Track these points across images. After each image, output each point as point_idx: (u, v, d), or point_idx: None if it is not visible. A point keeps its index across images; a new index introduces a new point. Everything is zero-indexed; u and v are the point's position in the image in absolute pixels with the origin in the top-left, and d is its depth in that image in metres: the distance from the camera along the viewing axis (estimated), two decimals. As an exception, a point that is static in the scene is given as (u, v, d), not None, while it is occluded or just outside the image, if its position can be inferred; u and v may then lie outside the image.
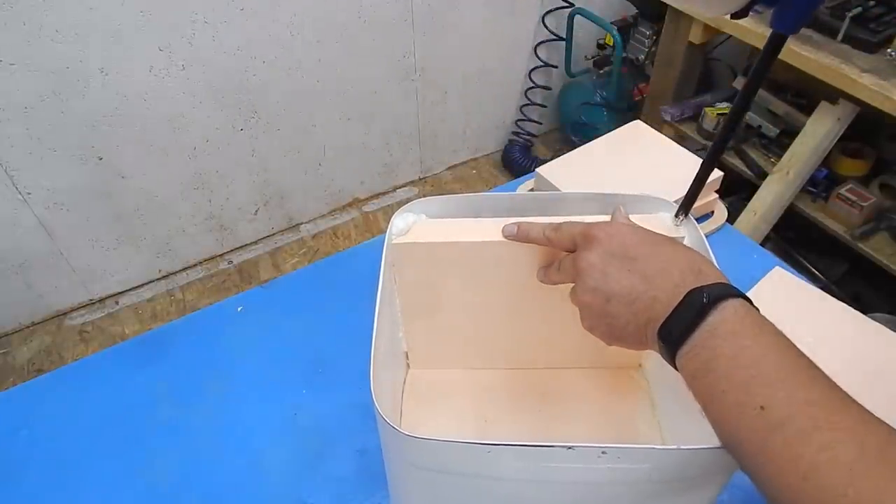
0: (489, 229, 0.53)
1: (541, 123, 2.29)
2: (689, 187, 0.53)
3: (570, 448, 0.37)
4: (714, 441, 0.37)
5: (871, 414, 0.32)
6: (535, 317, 0.60)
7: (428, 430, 0.61)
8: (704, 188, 0.83)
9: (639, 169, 0.85)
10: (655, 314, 0.39)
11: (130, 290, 1.85)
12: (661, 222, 0.54)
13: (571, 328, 0.62)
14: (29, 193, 1.53)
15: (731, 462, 0.37)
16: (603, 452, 0.38)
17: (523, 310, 0.60)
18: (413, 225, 0.55)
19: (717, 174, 0.84)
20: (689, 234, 0.53)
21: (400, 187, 2.18)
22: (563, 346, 0.64)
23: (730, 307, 0.36)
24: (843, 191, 1.51)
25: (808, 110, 1.51)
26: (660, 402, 0.62)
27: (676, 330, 0.38)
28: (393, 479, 0.51)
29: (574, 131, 2.19)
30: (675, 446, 0.37)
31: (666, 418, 0.61)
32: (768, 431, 0.33)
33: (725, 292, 0.37)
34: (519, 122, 2.25)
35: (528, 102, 2.21)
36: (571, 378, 0.66)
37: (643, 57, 1.98)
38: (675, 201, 0.55)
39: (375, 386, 0.42)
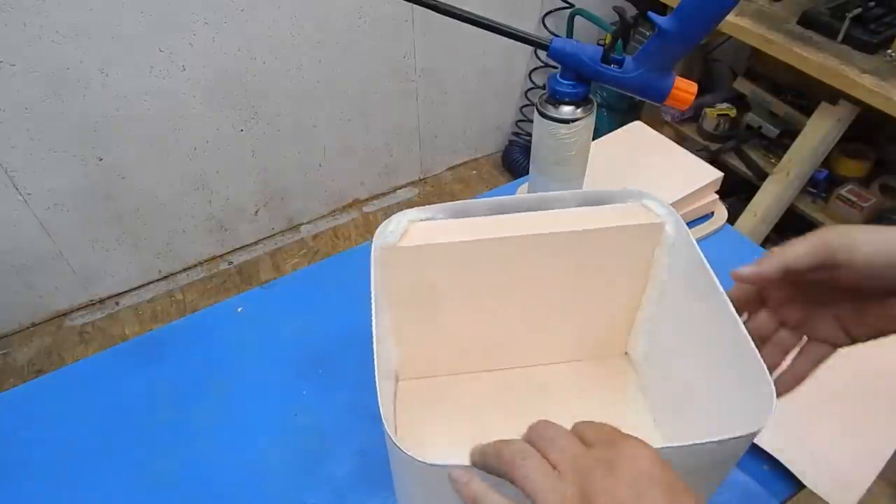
0: (474, 229, 0.54)
1: (541, 124, 2.29)
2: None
3: None
4: (707, 436, 0.37)
5: None
6: (519, 312, 0.61)
7: (423, 437, 0.61)
8: (704, 188, 0.84)
9: (639, 170, 0.85)
10: None
11: (130, 290, 1.85)
12: (644, 209, 0.55)
13: (554, 320, 0.63)
14: (29, 194, 1.53)
15: (727, 457, 0.37)
16: None
17: (509, 306, 0.60)
18: (402, 231, 0.55)
19: (717, 174, 0.84)
20: (678, 231, 0.54)
21: (400, 188, 2.18)
22: (547, 340, 0.65)
23: None
24: (843, 192, 1.51)
25: (808, 111, 1.51)
26: (650, 389, 0.63)
27: None
28: (401, 489, 0.51)
29: (574, 132, 2.19)
30: (667, 445, 0.37)
31: (657, 404, 0.62)
32: None
33: None
34: (519, 123, 2.25)
35: (529, 103, 2.21)
36: (561, 372, 0.67)
37: (643, 57, 1.98)
38: (674, 203, 0.55)
39: (382, 400, 0.42)
